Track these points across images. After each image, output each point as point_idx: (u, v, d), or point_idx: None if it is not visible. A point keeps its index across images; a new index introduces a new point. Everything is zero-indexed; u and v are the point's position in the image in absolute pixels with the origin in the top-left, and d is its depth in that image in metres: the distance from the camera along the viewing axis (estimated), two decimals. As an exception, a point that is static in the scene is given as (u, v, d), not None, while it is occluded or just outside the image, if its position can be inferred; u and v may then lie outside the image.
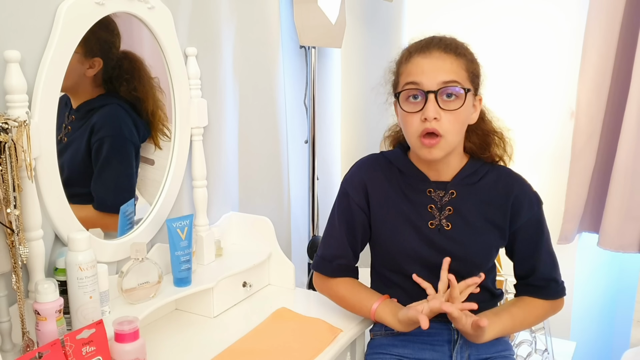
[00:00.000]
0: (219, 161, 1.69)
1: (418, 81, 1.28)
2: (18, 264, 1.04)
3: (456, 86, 1.27)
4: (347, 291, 1.44)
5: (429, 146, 1.29)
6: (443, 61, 1.28)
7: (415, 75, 1.29)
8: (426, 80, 1.27)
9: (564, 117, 2.19)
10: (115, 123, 1.41)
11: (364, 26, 2.27)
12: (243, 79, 1.78)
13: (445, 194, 1.37)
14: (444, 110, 1.27)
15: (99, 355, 1.09)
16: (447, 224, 1.36)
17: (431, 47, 1.30)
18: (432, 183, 1.38)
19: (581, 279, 2.27)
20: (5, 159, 0.99)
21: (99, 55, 1.31)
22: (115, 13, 1.29)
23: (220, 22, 1.64)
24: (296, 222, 2.16)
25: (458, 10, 2.30)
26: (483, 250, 1.38)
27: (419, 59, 1.30)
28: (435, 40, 1.32)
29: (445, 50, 1.29)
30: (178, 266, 1.43)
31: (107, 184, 1.40)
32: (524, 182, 1.41)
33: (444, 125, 1.27)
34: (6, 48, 1.07)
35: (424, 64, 1.29)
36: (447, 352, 1.40)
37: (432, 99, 1.26)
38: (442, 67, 1.28)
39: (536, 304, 1.41)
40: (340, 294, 1.45)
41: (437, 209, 1.37)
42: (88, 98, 1.34)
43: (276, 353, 1.31)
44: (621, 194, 1.96)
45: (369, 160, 1.46)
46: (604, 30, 1.92)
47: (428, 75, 1.27)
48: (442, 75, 1.27)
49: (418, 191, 1.39)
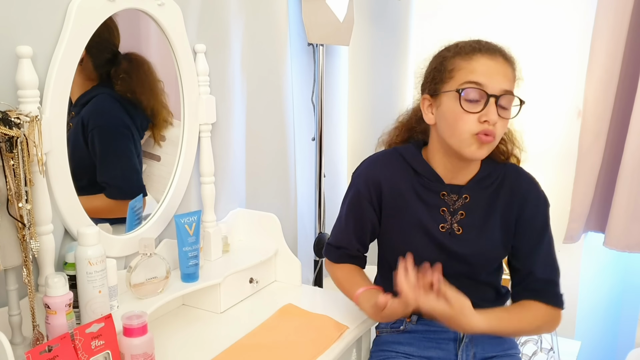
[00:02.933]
0: (226, 158, 1.70)
1: (483, 82, 1.24)
2: (29, 258, 1.05)
3: (513, 96, 1.27)
4: (344, 275, 1.47)
5: (486, 142, 1.26)
6: (505, 69, 1.27)
7: (480, 75, 1.25)
8: (491, 83, 1.24)
9: (571, 116, 2.19)
10: (102, 112, 1.40)
11: (372, 24, 2.27)
12: (251, 76, 1.79)
13: (459, 198, 1.36)
14: (500, 117, 1.25)
15: (107, 349, 1.09)
16: (459, 228, 1.35)
17: (495, 51, 1.27)
18: (447, 186, 1.37)
19: (586, 278, 2.27)
20: (17, 154, 1.00)
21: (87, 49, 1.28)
22: (122, 10, 1.29)
23: (229, 19, 1.64)
24: (303, 219, 2.17)
25: (466, 9, 2.30)
26: (492, 253, 1.38)
27: (484, 59, 1.26)
28: (498, 46, 1.29)
29: (505, 58, 1.28)
30: (186, 262, 1.43)
31: (112, 172, 1.41)
32: (532, 180, 1.40)
33: (497, 130, 1.26)
34: (18, 44, 1.08)
35: (491, 66, 1.26)
36: (452, 351, 1.40)
37: (493, 103, 1.24)
38: (505, 74, 1.26)
39: (533, 306, 1.35)
40: (338, 277, 1.48)
41: (449, 212, 1.36)
42: (82, 92, 1.33)
43: (282, 349, 1.31)
44: (628, 194, 1.96)
45: (383, 156, 1.44)
46: (612, 29, 1.92)
47: (494, 78, 1.25)
48: (505, 83, 1.26)
49: (432, 193, 1.37)
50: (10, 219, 1.02)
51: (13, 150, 0.99)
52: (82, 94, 1.34)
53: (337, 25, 2.00)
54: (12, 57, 1.08)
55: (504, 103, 1.26)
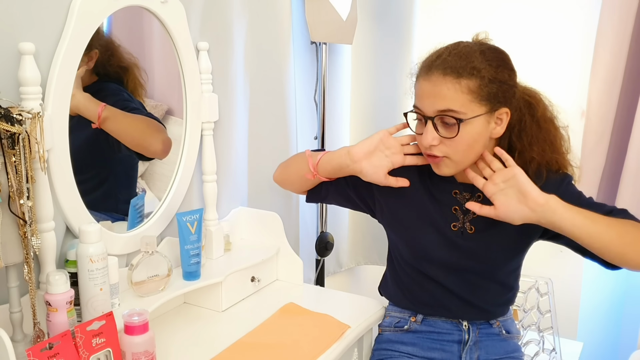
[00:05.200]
0: (228, 156, 1.70)
1: (419, 106, 1.27)
2: (30, 255, 1.05)
3: (450, 115, 1.21)
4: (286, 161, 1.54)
5: (433, 162, 1.29)
6: (439, 87, 1.21)
7: (418, 99, 1.27)
8: (424, 106, 1.25)
9: (575, 116, 2.18)
10: (119, 92, 1.42)
11: (375, 23, 2.26)
12: (254, 74, 1.79)
13: (472, 196, 1.34)
14: (442, 137, 1.23)
15: (108, 346, 1.09)
16: (471, 227, 1.34)
17: (432, 69, 1.23)
18: (459, 185, 1.36)
19: (589, 279, 2.27)
20: (19, 151, 1.00)
21: (96, 47, 1.29)
22: (124, 7, 1.29)
23: (232, 17, 1.64)
24: (304, 218, 2.17)
25: (470, 8, 2.30)
26: (506, 253, 1.35)
27: (422, 81, 1.26)
28: (439, 60, 1.23)
29: (444, 72, 1.21)
30: (187, 260, 1.43)
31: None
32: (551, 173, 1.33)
33: (443, 149, 1.25)
34: (21, 40, 1.08)
35: (425, 88, 1.25)
36: (456, 353, 1.40)
37: (430, 126, 1.24)
38: (438, 94, 1.22)
39: (632, 223, 1.24)
40: (283, 164, 1.55)
41: (461, 211, 1.35)
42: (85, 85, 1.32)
43: (284, 348, 1.31)
44: (631, 194, 1.95)
45: None
46: (616, 29, 1.91)
47: (426, 101, 1.24)
48: (437, 103, 1.22)
49: (444, 191, 1.37)
50: (11, 216, 1.02)
51: (15, 146, 0.99)
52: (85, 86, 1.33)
53: (340, 24, 2.00)
54: (15, 53, 1.08)
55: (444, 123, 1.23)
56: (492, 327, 1.42)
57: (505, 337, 1.43)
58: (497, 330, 1.43)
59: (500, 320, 1.44)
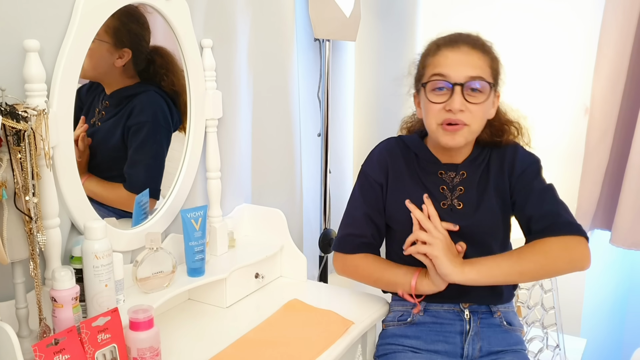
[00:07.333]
0: (232, 153, 1.70)
1: (445, 73, 1.32)
2: (36, 251, 1.06)
3: (482, 81, 1.32)
4: (370, 265, 1.46)
5: (452, 131, 1.33)
6: (471, 56, 1.33)
7: (443, 67, 1.33)
8: (454, 73, 1.32)
9: (578, 113, 2.18)
10: (153, 109, 1.45)
11: (379, 20, 2.27)
12: (257, 71, 1.79)
13: (456, 175, 1.42)
14: (469, 102, 1.31)
15: (114, 342, 1.10)
16: (459, 204, 1.40)
17: (460, 42, 1.35)
18: (444, 165, 1.43)
19: (593, 276, 2.27)
20: (25, 147, 1.00)
21: (128, 46, 1.34)
22: (129, 4, 1.30)
23: (235, 14, 1.64)
24: (308, 215, 2.17)
25: (473, 6, 2.29)
26: (493, 219, 1.40)
27: (447, 52, 1.34)
28: (464, 36, 1.36)
29: (473, 46, 1.34)
30: (192, 256, 1.43)
31: (140, 166, 1.43)
32: (517, 145, 1.45)
33: (468, 116, 1.32)
34: (26, 37, 1.08)
35: (453, 57, 1.33)
36: (459, 344, 1.41)
37: (458, 92, 1.31)
38: (469, 62, 1.33)
39: (544, 242, 1.32)
40: (362, 269, 1.47)
41: (448, 189, 1.42)
42: (123, 86, 1.38)
43: (288, 344, 1.31)
44: (635, 192, 1.95)
45: (388, 143, 1.51)
46: (620, 26, 1.91)
47: (456, 68, 1.32)
48: (469, 70, 1.32)
49: (430, 173, 1.43)
50: (17, 212, 1.03)
51: (20, 143, 1.00)
52: (123, 87, 1.38)
53: (343, 21, 2.00)
54: (20, 50, 1.08)
55: (472, 90, 1.32)
56: (493, 317, 1.44)
57: (507, 328, 1.44)
58: (498, 320, 1.44)
59: (502, 311, 1.45)
